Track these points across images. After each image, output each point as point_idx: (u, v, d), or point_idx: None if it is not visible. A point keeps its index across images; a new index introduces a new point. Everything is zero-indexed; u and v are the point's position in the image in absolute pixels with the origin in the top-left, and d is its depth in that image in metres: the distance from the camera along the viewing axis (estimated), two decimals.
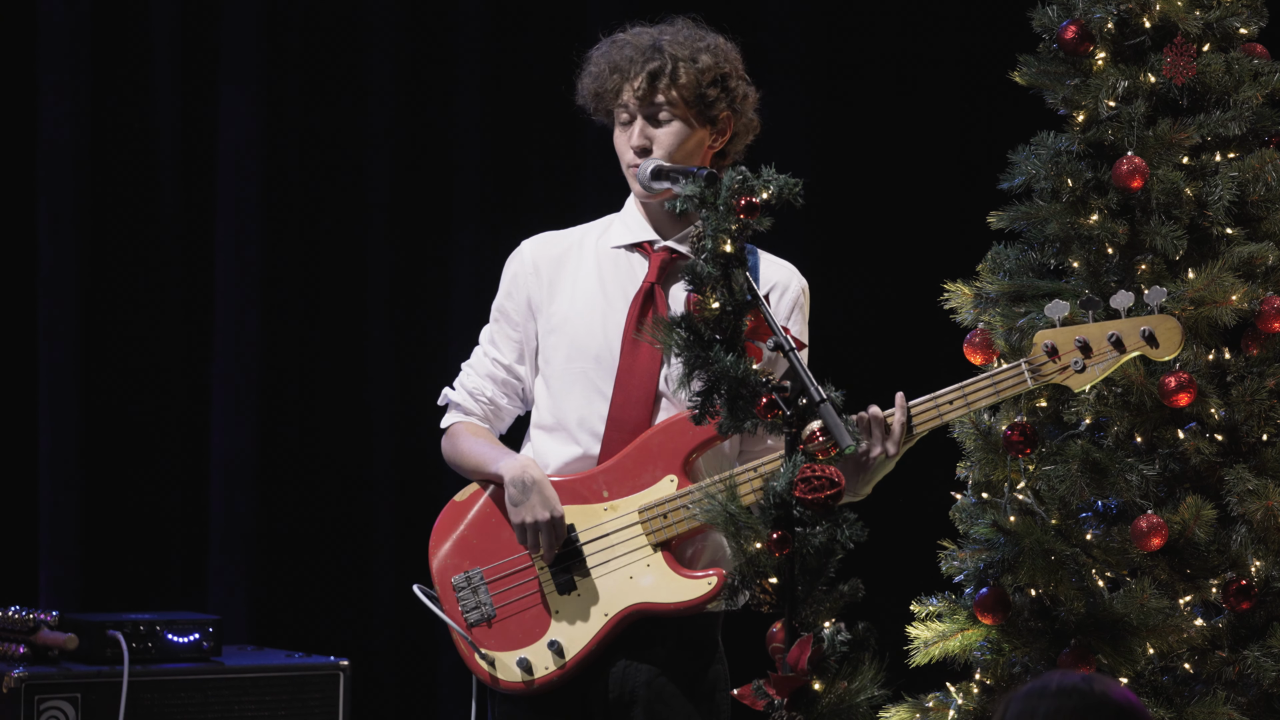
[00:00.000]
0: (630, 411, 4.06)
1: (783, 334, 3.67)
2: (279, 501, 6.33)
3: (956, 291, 4.83)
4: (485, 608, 4.06)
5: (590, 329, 4.10)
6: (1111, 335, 3.99)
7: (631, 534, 4.02)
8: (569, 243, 4.20)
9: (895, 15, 6.83)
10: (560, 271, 4.16)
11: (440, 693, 6.44)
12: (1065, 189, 4.72)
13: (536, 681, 4.02)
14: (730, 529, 3.65)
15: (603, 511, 4.03)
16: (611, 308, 4.11)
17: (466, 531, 4.10)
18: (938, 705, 4.78)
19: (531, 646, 4.03)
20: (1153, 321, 4.00)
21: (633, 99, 4.09)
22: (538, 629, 4.03)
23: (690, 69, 4.08)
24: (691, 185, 3.73)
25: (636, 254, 4.15)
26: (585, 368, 4.10)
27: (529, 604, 4.04)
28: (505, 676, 4.04)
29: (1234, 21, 4.78)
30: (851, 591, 3.65)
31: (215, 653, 5.17)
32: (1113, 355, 3.99)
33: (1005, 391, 4.00)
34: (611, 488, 4.04)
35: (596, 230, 4.21)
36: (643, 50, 4.10)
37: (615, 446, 4.06)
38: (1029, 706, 2.85)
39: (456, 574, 4.08)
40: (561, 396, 4.11)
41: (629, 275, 4.14)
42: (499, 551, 4.08)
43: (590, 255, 4.16)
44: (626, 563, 4.01)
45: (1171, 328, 3.99)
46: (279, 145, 6.31)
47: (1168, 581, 4.64)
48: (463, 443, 4.18)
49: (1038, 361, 4.00)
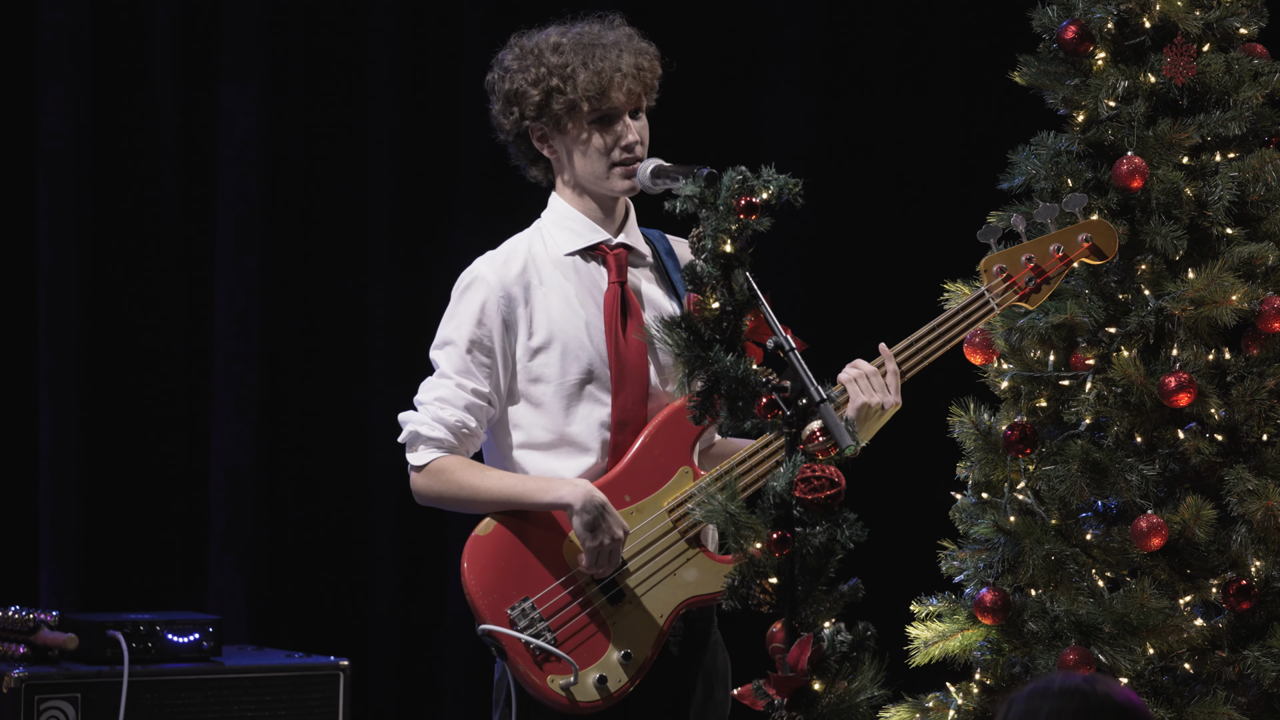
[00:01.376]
0: (632, 412, 4.07)
1: (783, 334, 3.67)
2: (279, 502, 6.32)
3: (956, 291, 4.83)
4: (546, 635, 4.02)
5: (578, 340, 4.09)
6: (1055, 246, 4.22)
7: (663, 532, 4.03)
8: (521, 259, 4.15)
9: (895, 15, 6.83)
10: (529, 291, 4.12)
11: (441, 693, 6.44)
12: (1065, 189, 4.72)
13: (615, 694, 4.01)
14: (730, 529, 3.66)
15: (631, 515, 4.03)
16: (590, 315, 4.11)
17: (504, 564, 4.03)
18: (938, 705, 4.78)
19: (602, 661, 4.01)
20: (1090, 227, 4.27)
21: (622, 96, 4.09)
22: (600, 645, 4.01)
23: (655, 64, 4.13)
24: (692, 185, 3.74)
25: (592, 258, 4.15)
26: (580, 379, 4.09)
27: (585, 622, 4.02)
28: (584, 697, 4.00)
29: (1234, 21, 4.77)
30: (851, 591, 3.65)
31: (215, 653, 5.17)
32: (1061, 266, 4.22)
33: (974, 318, 4.17)
34: (632, 491, 4.04)
35: (535, 240, 4.18)
36: (624, 47, 4.10)
37: (624, 449, 4.07)
38: (1032, 707, 2.85)
39: (509, 607, 4.02)
40: (560, 412, 4.10)
41: (591, 280, 4.13)
42: (543, 578, 4.03)
43: (548, 267, 4.13)
44: (668, 562, 4.02)
45: (1106, 230, 4.28)
46: (279, 145, 6.31)
47: (1168, 581, 4.64)
48: (469, 477, 4.08)
49: (995, 287, 4.13)
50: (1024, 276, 4.19)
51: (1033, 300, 4.23)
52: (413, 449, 4.13)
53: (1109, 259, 4.29)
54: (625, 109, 4.10)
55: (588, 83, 4.08)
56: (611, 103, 4.09)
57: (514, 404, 4.12)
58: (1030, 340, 4.69)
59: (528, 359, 4.11)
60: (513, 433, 4.12)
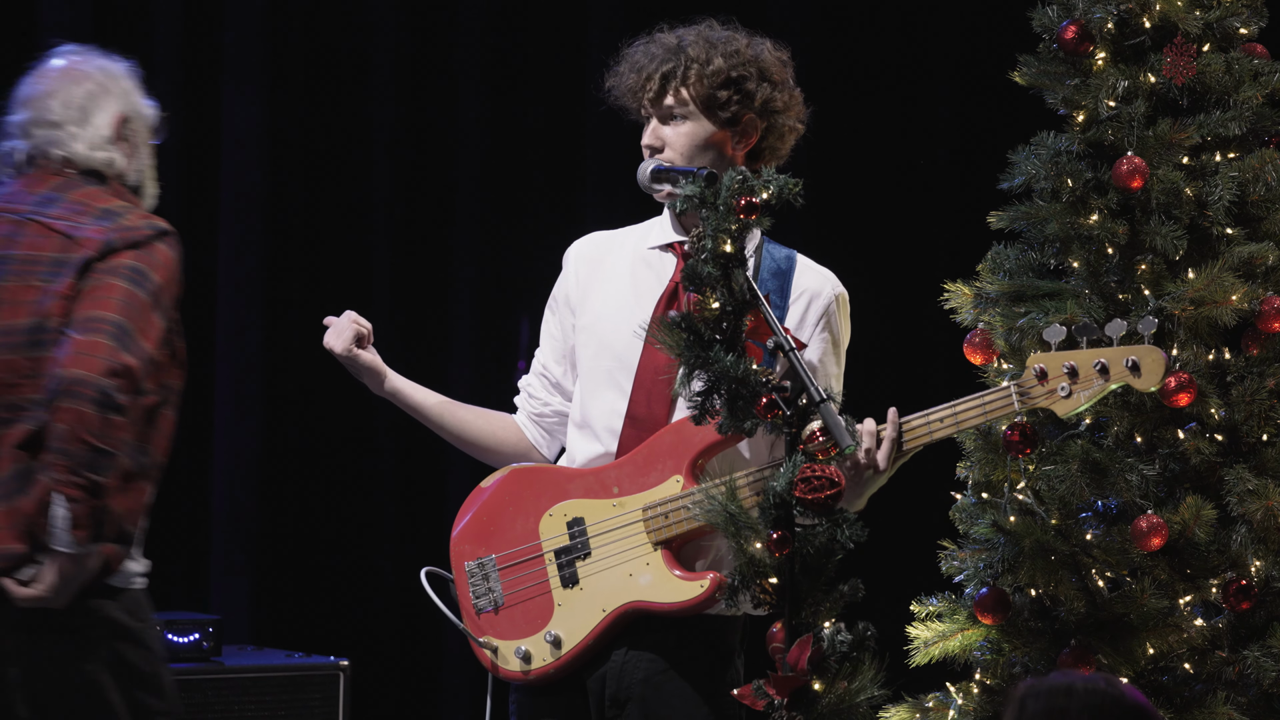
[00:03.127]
0: (648, 410, 4.08)
1: (783, 334, 3.67)
2: (280, 501, 6.33)
3: (956, 291, 4.83)
4: (494, 594, 4.09)
5: (617, 328, 4.12)
6: (1098, 363, 3.99)
7: (634, 532, 4.03)
8: (614, 243, 4.24)
9: (895, 15, 6.84)
10: (596, 271, 4.20)
11: (441, 692, 6.44)
12: (1065, 189, 4.72)
13: (533, 673, 4.05)
14: (730, 529, 3.66)
15: (611, 507, 4.05)
16: (639, 306, 4.13)
17: (484, 517, 4.14)
18: (938, 705, 4.78)
19: (532, 637, 4.06)
20: (1138, 352, 4.00)
21: (646, 99, 4.12)
22: (540, 620, 4.05)
23: (701, 71, 4.10)
24: (691, 185, 3.74)
25: (669, 254, 4.17)
26: (610, 366, 4.12)
27: (534, 594, 4.07)
28: (505, 665, 4.07)
29: (1234, 21, 4.78)
30: (851, 591, 3.65)
31: (215, 653, 5.18)
32: (1099, 383, 4.00)
33: (994, 414, 4.00)
34: (622, 485, 4.06)
35: (641, 231, 4.24)
36: (662, 51, 4.13)
37: (632, 444, 4.08)
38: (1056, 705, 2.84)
39: (470, 560, 4.12)
40: (588, 394, 4.15)
41: (659, 275, 4.16)
42: (513, 539, 4.10)
43: (627, 255, 4.19)
44: (627, 559, 4.02)
45: (1156, 360, 3.99)
46: (281, 145, 6.32)
47: (1168, 581, 4.64)
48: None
49: (1027, 384, 4.01)
50: (1058, 383, 4.00)
51: (1060, 406, 4.02)
52: None
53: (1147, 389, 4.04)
54: (651, 112, 4.13)
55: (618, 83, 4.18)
56: (636, 103, 4.16)
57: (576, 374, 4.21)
58: (1030, 340, 4.69)
59: (575, 335, 4.20)
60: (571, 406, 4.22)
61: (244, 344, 6.25)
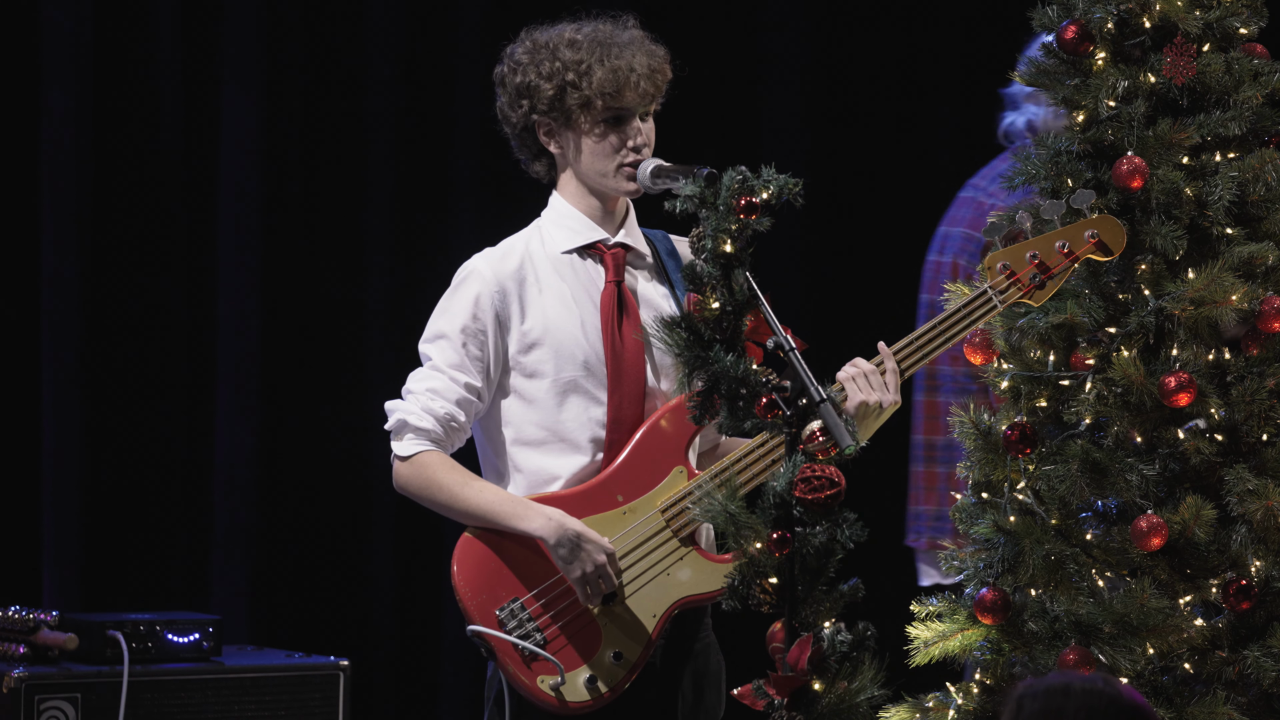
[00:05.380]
0: (628, 410, 4.08)
1: (783, 334, 3.67)
2: (280, 501, 6.33)
3: (957, 291, 4.83)
4: (535, 636, 4.02)
5: (573, 337, 4.10)
6: (1061, 244, 4.13)
7: (658, 533, 4.03)
8: (518, 255, 4.16)
9: (895, 15, 6.84)
10: (524, 286, 4.13)
11: (440, 692, 6.44)
12: (1065, 189, 4.72)
13: (606, 695, 4.01)
14: (730, 529, 3.66)
15: (623, 516, 4.03)
16: (585, 312, 4.11)
17: (494, 564, 4.05)
18: (938, 705, 4.78)
19: (593, 661, 4.02)
20: (1096, 224, 4.18)
21: (636, 96, 4.10)
22: (592, 645, 4.01)
23: (668, 64, 4.13)
24: (692, 185, 3.74)
25: (589, 256, 4.15)
26: (576, 376, 4.09)
27: (577, 623, 4.03)
28: (574, 697, 4.01)
29: (1234, 21, 4.77)
30: (851, 591, 3.65)
31: (215, 653, 5.18)
32: (1067, 263, 4.12)
33: (978, 318, 4.13)
34: (625, 491, 4.04)
35: (534, 238, 4.19)
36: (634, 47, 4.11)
37: (619, 448, 4.07)
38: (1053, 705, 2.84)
39: (498, 607, 4.04)
40: (553, 409, 4.10)
41: (588, 278, 4.14)
42: (532, 579, 4.04)
43: (545, 264, 4.15)
44: (661, 561, 4.02)
45: (1114, 226, 4.17)
46: (280, 145, 6.31)
47: (1168, 581, 4.64)
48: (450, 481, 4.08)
49: (1000, 285, 4.08)
50: (1028, 273, 4.14)
51: (1037, 297, 4.20)
52: (399, 438, 4.13)
53: (1115, 256, 4.24)
54: (637, 109, 4.11)
55: (604, 80, 4.09)
56: (625, 102, 4.10)
57: (505, 398, 4.12)
58: (1030, 340, 4.69)
59: (521, 354, 4.11)
60: (504, 429, 4.12)
61: (244, 343, 6.25)
